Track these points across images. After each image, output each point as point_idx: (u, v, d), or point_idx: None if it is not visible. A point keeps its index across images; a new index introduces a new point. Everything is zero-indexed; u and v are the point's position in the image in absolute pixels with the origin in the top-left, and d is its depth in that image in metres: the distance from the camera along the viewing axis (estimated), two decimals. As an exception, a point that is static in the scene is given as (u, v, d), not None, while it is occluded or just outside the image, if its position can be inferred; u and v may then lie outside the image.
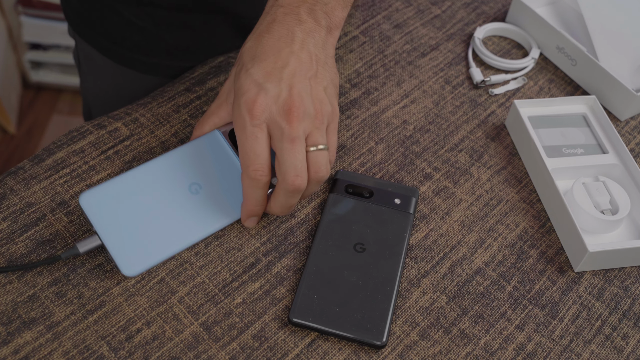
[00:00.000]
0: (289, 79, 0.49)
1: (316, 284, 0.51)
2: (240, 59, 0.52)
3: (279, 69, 0.50)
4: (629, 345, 0.51)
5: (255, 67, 0.50)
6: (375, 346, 0.49)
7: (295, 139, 0.49)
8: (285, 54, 0.50)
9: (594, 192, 0.57)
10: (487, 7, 0.76)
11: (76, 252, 0.49)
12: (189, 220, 0.52)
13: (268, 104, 0.49)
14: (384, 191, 0.57)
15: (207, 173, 0.54)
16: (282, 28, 0.51)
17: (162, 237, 0.51)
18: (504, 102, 0.67)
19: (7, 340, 0.47)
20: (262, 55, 0.50)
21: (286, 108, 0.49)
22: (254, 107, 0.48)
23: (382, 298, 0.51)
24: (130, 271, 0.49)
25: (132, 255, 0.50)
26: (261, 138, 0.49)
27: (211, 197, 0.54)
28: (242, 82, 0.50)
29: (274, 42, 0.51)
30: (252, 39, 0.52)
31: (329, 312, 0.50)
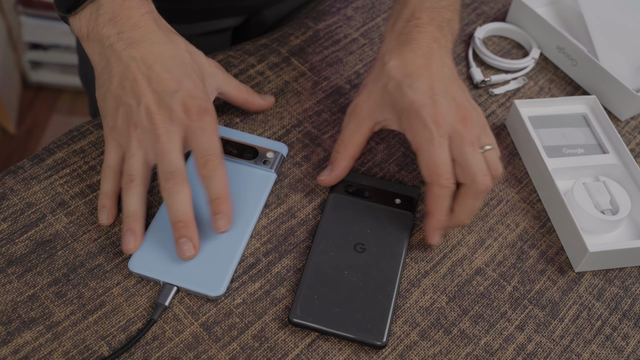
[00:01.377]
0: (449, 90, 0.53)
1: (316, 284, 0.51)
2: (388, 76, 0.54)
3: (437, 82, 0.53)
4: (630, 345, 0.51)
5: (418, 82, 0.53)
6: (375, 346, 0.49)
7: (474, 143, 0.52)
8: (436, 69, 0.54)
9: (594, 192, 0.57)
10: (487, 7, 0.76)
11: (164, 307, 0.49)
12: None
13: (446, 113, 0.51)
14: (385, 191, 0.57)
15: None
16: (422, 45, 0.54)
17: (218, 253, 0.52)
18: (504, 102, 0.67)
19: (6, 340, 0.47)
20: (416, 72, 0.53)
21: (461, 116, 0.52)
22: (439, 117, 0.51)
23: (383, 298, 0.51)
24: (219, 291, 0.50)
25: (208, 278, 0.50)
26: (446, 147, 0.51)
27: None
28: (414, 97, 0.52)
29: (421, 59, 0.54)
30: (394, 58, 0.54)
31: (329, 312, 0.50)
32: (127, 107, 0.51)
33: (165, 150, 0.50)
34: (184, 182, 0.49)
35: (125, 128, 0.51)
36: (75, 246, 0.53)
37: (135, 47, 0.52)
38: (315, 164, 0.60)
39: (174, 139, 0.50)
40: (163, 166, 0.50)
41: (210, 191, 0.50)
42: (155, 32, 0.53)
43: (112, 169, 0.53)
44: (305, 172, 0.59)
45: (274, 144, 0.59)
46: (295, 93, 0.65)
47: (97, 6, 0.53)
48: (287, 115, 0.63)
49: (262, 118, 0.63)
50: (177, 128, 0.50)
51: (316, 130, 0.63)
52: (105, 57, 0.53)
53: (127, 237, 0.51)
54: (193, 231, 0.50)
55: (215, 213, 0.50)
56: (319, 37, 0.71)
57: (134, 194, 0.51)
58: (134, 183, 0.51)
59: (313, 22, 0.72)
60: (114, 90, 0.52)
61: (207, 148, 0.50)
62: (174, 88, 0.51)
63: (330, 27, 0.72)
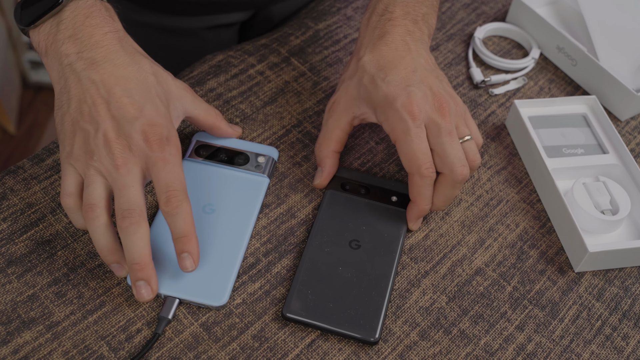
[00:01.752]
0: (424, 80, 0.53)
1: (311, 279, 0.51)
2: (363, 70, 0.54)
3: (411, 73, 0.53)
4: (629, 345, 0.51)
5: (391, 75, 0.53)
6: (368, 342, 0.49)
7: (451, 132, 0.52)
8: (409, 60, 0.54)
9: (594, 192, 0.57)
10: (487, 7, 0.76)
11: (167, 321, 0.49)
12: (223, 234, 0.53)
13: (421, 103, 0.52)
14: (381, 188, 0.57)
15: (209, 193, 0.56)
16: (396, 39, 0.54)
17: (218, 262, 0.52)
18: (504, 102, 0.67)
19: (6, 340, 0.47)
20: (389, 64, 0.53)
21: (437, 105, 0.52)
22: (413, 108, 0.51)
23: (376, 295, 0.51)
24: (221, 301, 0.50)
25: (210, 288, 0.50)
26: (424, 137, 0.52)
27: (224, 211, 0.55)
28: (387, 90, 0.52)
29: (394, 52, 0.54)
30: (368, 52, 0.55)
31: (323, 308, 0.50)
32: (85, 132, 0.48)
33: (123, 185, 0.47)
34: (141, 221, 0.47)
35: (83, 155, 0.48)
36: (75, 246, 0.53)
37: (95, 68, 0.49)
38: (315, 164, 0.60)
39: (133, 171, 0.47)
40: (120, 202, 0.47)
41: (174, 229, 0.47)
42: (118, 53, 0.50)
43: (72, 195, 0.49)
44: (305, 172, 0.59)
45: (264, 148, 0.59)
46: (295, 93, 0.65)
47: (57, 21, 0.50)
48: (287, 115, 0.63)
49: (262, 118, 0.63)
50: (136, 159, 0.47)
51: (316, 130, 0.63)
52: (64, 76, 0.50)
53: (117, 269, 0.49)
54: (150, 272, 0.48)
55: (181, 252, 0.48)
56: (319, 37, 0.71)
57: (99, 225, 0.48)
58: (95, 213, 0.47)
59: (313, 22, 0.72)
60: (72, 113, 0.49)
61: (170, 182, 0.47)
62: (134, 115, 0.48)
63: (330, 27, 0.72)
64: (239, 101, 0.64)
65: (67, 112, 0.49)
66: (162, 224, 0.53)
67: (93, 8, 0.50)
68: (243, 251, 0.53)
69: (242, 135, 0.61)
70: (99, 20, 0.50)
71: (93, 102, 0.48)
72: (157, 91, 0.51)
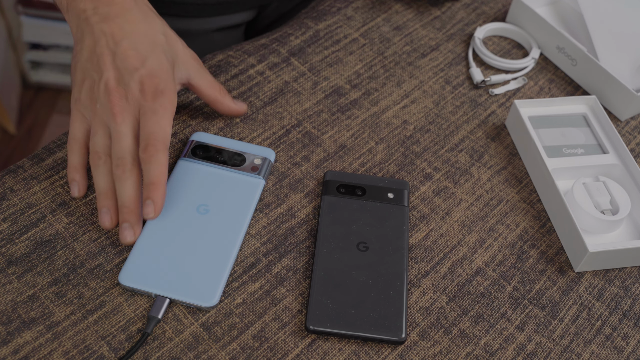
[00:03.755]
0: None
1: (327, 288, 0.51)
2: None
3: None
4: (630, 345, 0.51)
5: None
6: (396, 342, 0.49)
7: None
8: None
9: (594, 192, 0.57)
10: (487, 7, 0.76)
11: (157, 320, 0.49)
12: (217, 236, 0.53)
13: None
14: (376, 187, 0.57)
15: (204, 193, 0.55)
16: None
17: (209, 262, 0.51)
18: (504, 102, 0.67)
19: (6, 340, 0.47)
20: None
21: None
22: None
23: (394, 294, 0.51)
24: (212, 302, 0.50)
25: (201, 289, 0.50)
26: None
27: (218, 212, 0.54)
28: None
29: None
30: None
31: (346, 315, 0.49)
32: (91, 80, 0.51)
33: (118, 133, 0.50)
34: (133, 169, 0.50)
35: (88, 102, 0.51)
36: (75, 246, 0.53)
37: (107, 22, 0.52)
38: (315, 164, 0.60)
39: (127, 120, 0.50)
40: (115, 150, 0.50)
41: (146, 175, 0.50)
42: (132, 10, 0.53)
43: (78, 141, 0.53)
44: (305, 172, 0.59)
45: (261, 149, 0.59)
46: (295, 93, 0.65)
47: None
48: (287, 115, 0.63)
49: (262, 118, 0.63)
50: (131, 108, 0.50)
51: (316, 130, 0.63)
52: (80, 29, 0.53)
53: (104, 215, 0.51)
54: (136, 218, 0.51)
55: (146, 198, 0.50)
56: (319, 37, 0.71)
57: (102, 170, 0.51)
58: (102, 160, 0.51)
59: (313, 22, 0.72)
60: (83, 62, 0.52)
61: (153, 131, 0.49)
62: (136, 66, 0.51)
63: (330, 27, 0.72)
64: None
65: (79, 60, 0.52)
66: (155, 224, 0.53)
67: None
68: (236, 252, 0.52)
69: (242, 135, 0.61)
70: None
71: (101, 52, 0.51)
72: (164, 48, 0.53)
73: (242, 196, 0.55)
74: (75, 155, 0.54)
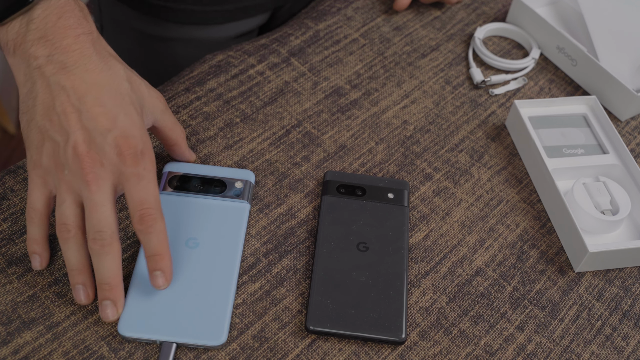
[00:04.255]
0: None
1: (327, 289, 0.51)
2: None
3: None
4: (630, 345, 0.51)
5: None
6: (395, 343, 0.49)
7: None
8: None
9: (594, 192, 0.57)
10: (487, 7, 0.76)
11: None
12: (212, 269, 0.51)
13: None
14: (376, 187, 0.57)
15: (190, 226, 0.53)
16: None
17: (210, 298, 0.49)
18: (504, 102, 0.67)
19: (7, 340, 0.47)
20: None
21: None
22: None
23: (394, 294, 0.51)
24: (220, 340, 0.48)
25: (207, 328, 0.48)
26: None
27: (208, 244, 0.52)
28: None
29: None
30: None
31: (345, 316, 0.49)
32: (54, 143, 0.45)
33: (94, 203, 0.44)
34: (113, 242, 0.45)
35: (53, 167, 0.46)
36: (75, 246, 0.53)
37: (66, 73, 0.46)
38: (315, 164, 0.60)
39: (105, 187, 0.45)
40: (91, 223, 0.45)
41: (147, 247, 0.46)
42: (91, 57, 0.47)
43: (39, 212, 0.47)
44: (305, 172, 0.59)
45: (240, 172, 0.57)
46: (295, 93, 0.65)
47: (27, 20, 0.47)
48: (287, 115, 0.63)
49: (262, 118, 0.63)
50: (108, 174, 0.45)
51: (316, 130, 0.63)
52: (32, 79, 0.46)
53: (79, 292, 0.48)
54: (119, 294, 0.46)
55: (154, 269, 0.46)
56: (319, 37, 0.71)
57: (72, 245, 0.46)
58: (71, 234, 0.46)
59: (313, 22, 0.72)
60: (39, 120, 0.46)
61: (144, 199, 0.45)
62: (107, 126, 0.45)
63: (330, 27, 0.72)
64: (239, 101, 0.64)
65: (33, 118, 0.46)
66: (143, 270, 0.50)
67: (66, 7, 0.47)
68: (235, 284, 0.50)
69: (242, 135, 0.61)
70: (72, 22, 0.47)
71: (63, 110, 0.45)
72: (131, 98, 0.48)
73: (230, 224, 0.53)
74: (36, 227, 0.48)
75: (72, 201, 0.46)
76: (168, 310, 0.48)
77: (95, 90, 0.46)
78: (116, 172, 0.45)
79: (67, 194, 0.45)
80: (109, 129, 0.45)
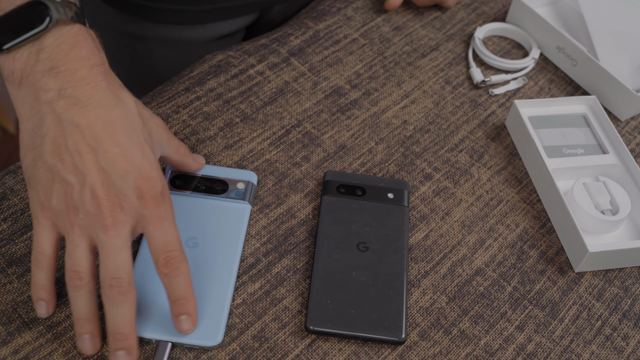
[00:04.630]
0: None
1: (327, 289, 0.51)
2: None
3: None
4: (630, 345, 0.51)
5: None
6: (396, 343, 0.49)
7: None
8: None
9: (594, 192, 0.57)
10: (487, 7, 0.76)
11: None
12: (211, 269, 0.51)
13: None
14: (376, 187, 0.57)
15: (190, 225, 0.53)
16: None
17: (207, 299, 0.49)
18: (504, 102, 0.67)
19: (7, 340, 0.47)
20: None
21: None
22: None
23: (394, 294, 0.51)
24: (216, 341, 0.48)
25: (203, 328, 0.48)
26: None
27: (208, 244, 0.52)
28: None
29: None
30: None
31: (345, 316, 0.49)
32: (67, 185, 0.43)
33: (112, 249, 0.42)
34: (130, 290, 0.43)
35: (65, 210, 0.43)
36: (75, 246, 0.53)
37: (79, 109, 0.43)
38: (315, 164, 0.60)
39: (124, 232, 0.43)
40: (108, 268, 0.42)
41: (172, 291, 0.45)
42: (105, 92, 0.44)
43: (47, 256, 0.45)
44: (305, 172, 0.59)
45: (242, 173, 0.57)
46: (295, 93, 0.65)
47: (37, 49, 0.44)
48: (287, 115, 0.63)
49: (262, 118, 0.63)
50: (128, 218, 0.43)
51: (316, 130, 0.63)
52: (40, 114, 0.43)
53: (85, 342, 0.45)
54: (133, 342, 0.44)
55: (180, 314, 0.45)
56: (319, 37, 0.71)
57: (84, 294, 0.44)
58: (84, 282, 0.43)
59: (313, 22, 0.72)
60: (49, 159, 0.43)
61: (168, 242, 0.44)
62: (126, 168, 0.43)
63: (330, 27, 0.72)
64: (239, 101, 0.64)
65: (41, 156, 0.43)
66: (146, 263, 0.50)
67: (79, 37, 0.45)
68: (233, 285, 0.50)
69: (242, 135, 0.61)
70: (85, 52, 0.44)
71: (77, 149, 0.43)
72: (144, 135, 0.46)
73: (231, 224, 0.53)
74: (44, 273, 0.45)
75: (86, 247, 0.43)
76: (164, 309, 0.48)
77: (110, 128, 0.44)
78: (136, 215, 0.43)
79: (81, 239, 0.43)
80: (128, 171, 0.43)
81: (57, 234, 0.45)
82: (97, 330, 0.46)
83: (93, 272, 0.44)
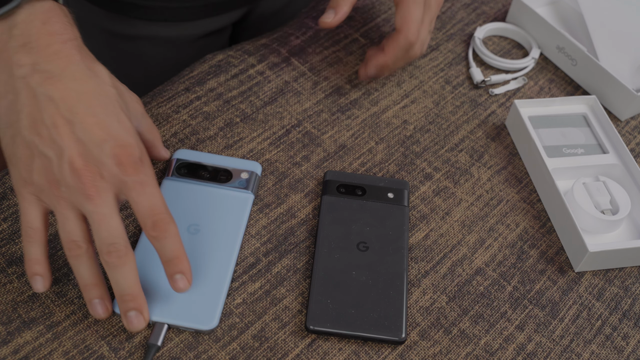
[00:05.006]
0: None
1: (327, 288, 0.51)
2: None
3: None
4: (630, 345, 0.51)
5: None
6: (395, 342, 0.49)
7: None
8: None
9: (594, 192, 0.57)
10: (487, 7, 0.76)
11: (157, 348, 0.47)
12: (210, 255, 0.52)
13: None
14: (376, 187, 0.57)
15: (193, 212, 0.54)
16: None
17: (205, 284, 0.50)
18: (504, 102, 0.67)
19: (7, 340, 0.47)
20: None
21: None
22: None
23: (394, 294, 0.51)
24: (212, 325, 0.48)
25: (199, 312, 0.48)
26: None
27: (209, 231, 0.53)
28: None
29: None
30: None
31: (345, 315, 0.50)
32: (46, 159, 0.43)
33: (101, 217, 0.43)
34: (128, 253, 0.44)
35: (47, 184, 0.43)
36: (75, 246, 0.53)
37: (53, 83, 0.43)
38: (315, 164, 0.60)
39: (108, 199, 0.43)
40: (102, 236, 0.43)
41: (164, 253, 0.45)
42: (78, 64, 0.44)
43: (38, 230, 0.45)
44: (305, 172, 0.59)
45: (247, 163, 0.57)
46: (295, 93, 0.65)
47: (9, 25, 0.44)
48: (287, 115, 0.63)
49: (262, 118, 0.63)
50: (109, 185, 0.43)
51: (316, 130, 0.63)
52: (14, 90, 0.43)
53: (96, 306, 0.46)
54: (142, 301, 0.45)
55: (174, 273, 0.45)
56: (319, 37, 0.71)
57: (85, 260, 0.44)
58: (83, 249, 0.44)
59: (313, 22, 0.72)
60: (26, 134, 0.43)
61: (153, 205, 0.44)
62: (102, 137, 0.43)
63: (330, 27, 0.72)
64: (239, 101, 0.64)
65: (18, 132, 0.43)
66: (144, 248, 0.51)
67: (51, 13, 0.45)
68: (231, 272, 0.51)
69: (242, 135, 0.61)
70: (57, 27, 0.44)
71: (53, 122, 0.43)
72: (120, 104, 0.46)
73: (233, 213, 0.54)
74: (36, 247, 0.45)
75: (75, 217, 0.44)
76: (163, 292, 0.49)
77: (84, 99, 0.44)
78: (117, 182, 0.44)
79: (69, 211, 0.43)
80: (105, 139, 0.43)
81: (44, 208, 0.45)
82: (106, 294, 0.46)
83: (89, 238, 0.45)
